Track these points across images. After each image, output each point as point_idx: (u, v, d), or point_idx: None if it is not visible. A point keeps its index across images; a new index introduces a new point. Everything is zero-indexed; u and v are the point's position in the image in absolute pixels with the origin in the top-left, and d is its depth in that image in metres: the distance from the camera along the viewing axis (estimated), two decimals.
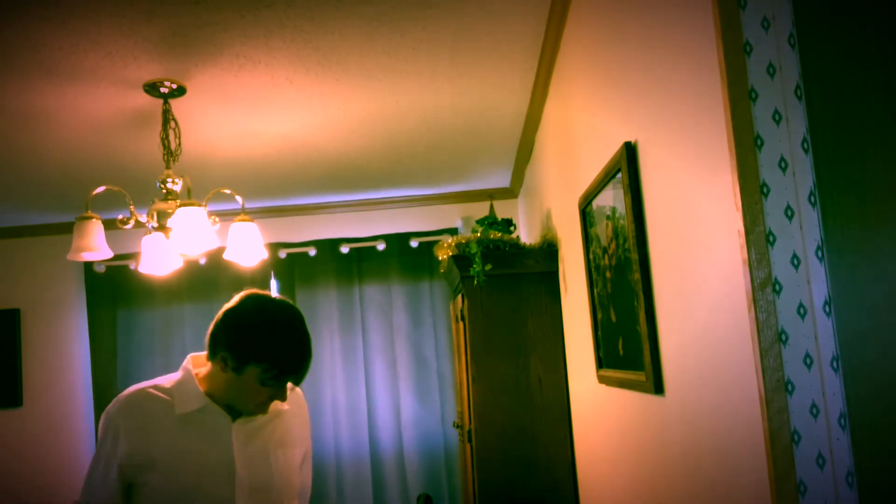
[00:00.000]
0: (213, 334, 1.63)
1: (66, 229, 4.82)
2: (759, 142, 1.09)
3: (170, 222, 2.76)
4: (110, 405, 1.68)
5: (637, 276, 1.73)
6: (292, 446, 1.77)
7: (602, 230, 2.12)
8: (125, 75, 2.72)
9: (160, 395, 1.66)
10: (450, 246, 3.15)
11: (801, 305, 1.06)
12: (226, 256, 2.94)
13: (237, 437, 1.65)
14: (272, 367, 1.57)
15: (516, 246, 3.15)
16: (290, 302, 1.69)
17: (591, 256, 2.31)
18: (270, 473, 1.68)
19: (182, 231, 2.65)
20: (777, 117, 1.09)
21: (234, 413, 1.67)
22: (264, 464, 1.67)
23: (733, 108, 1.11)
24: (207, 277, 4.85)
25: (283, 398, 1.64)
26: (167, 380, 1.71)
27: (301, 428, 1.83)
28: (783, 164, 1.08)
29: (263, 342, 1.58)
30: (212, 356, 1.63)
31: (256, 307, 1.64)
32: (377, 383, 4.81)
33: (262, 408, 1.66)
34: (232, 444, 1.64)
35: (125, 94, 2.89)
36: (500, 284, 3.08)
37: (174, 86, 2.81)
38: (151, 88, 2.81)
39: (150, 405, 1.65)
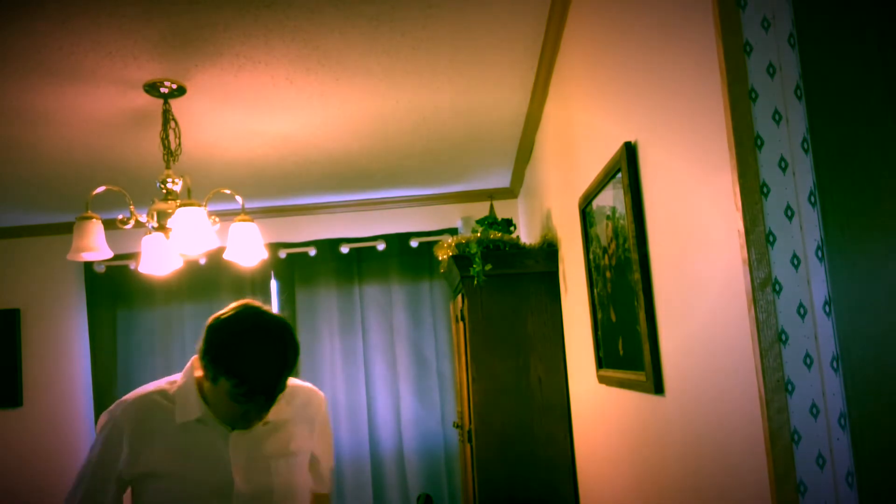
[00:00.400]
0: (201, 340, 1.61)
1: (66, 229, 4.82)
2: (759, 142, 1.09)
3: (170, 222, 2.76)
4: (114, 407, 1.66)
5: (637, 276, 1.73)
6: (297, 454, 1.73)
7: (602, 230, 2.12)
8: (125, 75, 2.72)
9: (163, 401, 1.64)
10: (450, 246, 3.15)
11: (801, 305, 1.06)
12: (226, 256, 2.94)
13: (234, 450, 1.62)
14: (241, 383, 1.51)
15: (516, 246, 3.15)
16: (282, 318, 1.62)
17: (591, 256, 2.31)
18: (271, 483, 1.65)
19: (182, 231, 2.65)
20: (777, 117, 1.09)
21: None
22: (264, 474, 1.64)
23: (733, 108, 1.11)
24: (207, 277, 4.85)
25: (258, 417, 1.59)
26: (171, 384, 1.68)
27: (312, 432, 1.79)
28: (783, 164, 1.08)
29: (236, 356, 1.52)
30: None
31: (240, 319, 1.57)
32: (377, 383, 4.81)
33: (243, 423, 1.61)
34: (229, 456, 1.62)
35: (125, 94, 2.89)
36: (500, 284, 3.08)
37: (174, 86, 2.81)
38: (151, 88, 2.81)
39: (154, 412, 1.63)
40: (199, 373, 1.67)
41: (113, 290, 4.87)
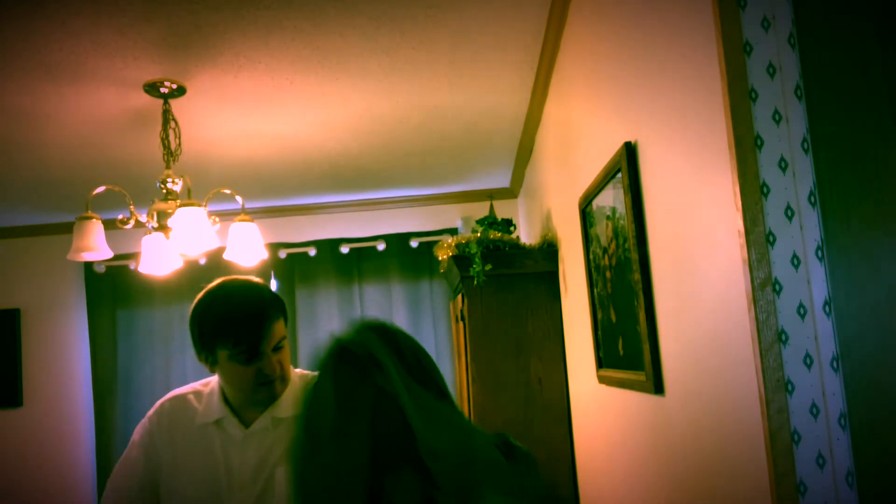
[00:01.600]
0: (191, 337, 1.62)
1: (66, 229, 4.81)
2: (759, 142, 1.09)
3: (170, 222, 2.76)
4: (155, 407, 1.70)
5: (637, 276, 1.73)
6: None
7: (602, 230, 2.12)
8: (125, 75, 2.72)
9: (193, 403, 1.66)
10: (450, 246, 3.15)
11: (801, 305, 1.06)
12: (226, 256, 2.94)
13: (242, 455, 1.60)
14: (234, 342, 1.50)
15: (516, 246, 3.15)
16: (245, 279, 1.63)
17: (591, 256, 2.31)
18: (272, 492, 1.60)
19: (182, 231, 2.65)
20: (777, 117, 1.09)
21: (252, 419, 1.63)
22: (268, 481, 1.59)
23: (733, 108, 1.11)
24: (207, 277, 4.80)
25: (270, 369, 1.55)
26: (205, 385, 1.69)
27: None
28: (783, 164, 1.09)
29: (216, 321, 1.54)
30: None
31: (207, 294, 1.60)
32: None
33: (266, 391, 1.57)
34: (232, 462, 1.60)
35: (125, 94, 2.89)
36: (500, 284, 3.08)
37: (174, 86, 2.81)
38: (151, 88, 2.81)
39: (179, 413, 1.65)
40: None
41: (113, 290, 4.86)
